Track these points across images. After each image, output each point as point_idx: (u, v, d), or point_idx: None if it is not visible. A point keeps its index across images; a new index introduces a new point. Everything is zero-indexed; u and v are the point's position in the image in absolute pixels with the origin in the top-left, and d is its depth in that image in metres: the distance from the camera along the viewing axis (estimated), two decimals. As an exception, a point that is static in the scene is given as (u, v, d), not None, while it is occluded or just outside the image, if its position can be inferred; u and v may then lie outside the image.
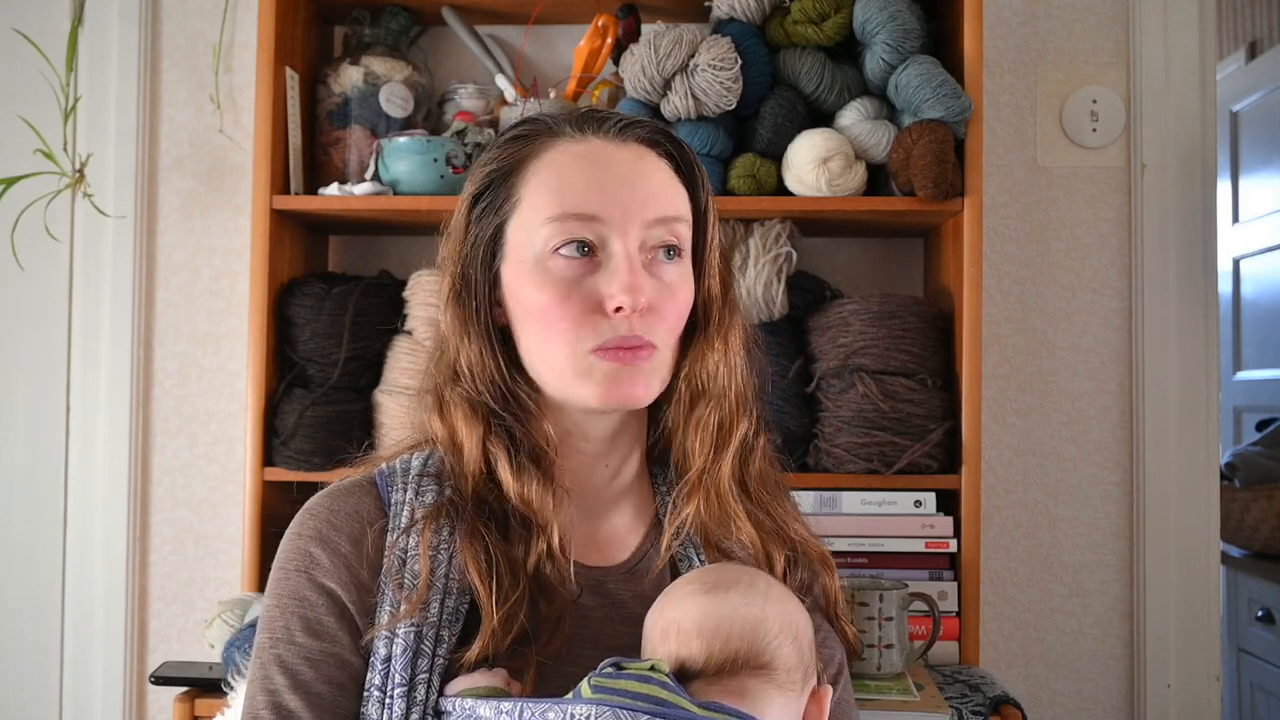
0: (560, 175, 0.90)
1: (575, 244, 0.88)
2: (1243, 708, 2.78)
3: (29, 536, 2.00)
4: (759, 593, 0.85)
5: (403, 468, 0.95)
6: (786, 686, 0.83)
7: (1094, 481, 1.94)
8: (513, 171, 0.92)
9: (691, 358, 0.94)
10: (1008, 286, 1.96)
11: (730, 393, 0.95)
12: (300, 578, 0.89)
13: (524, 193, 0.91)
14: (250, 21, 1.95)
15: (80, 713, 1.98)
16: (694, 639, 0.82)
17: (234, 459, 1.98)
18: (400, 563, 0.88)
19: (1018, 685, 1.91)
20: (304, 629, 0.87)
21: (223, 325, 2.01)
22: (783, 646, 0.83)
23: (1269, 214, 3.10)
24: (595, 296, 0.88)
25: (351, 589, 0.88)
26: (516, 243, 0.91)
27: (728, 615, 0.82)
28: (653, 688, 0.77)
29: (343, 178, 1.84)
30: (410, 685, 0.84)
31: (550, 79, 1.96)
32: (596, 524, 0.97)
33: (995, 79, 1.96)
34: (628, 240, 0.88)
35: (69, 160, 1.95)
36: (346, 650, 0.87)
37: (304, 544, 0.90)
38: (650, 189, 0.91)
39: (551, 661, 0.86)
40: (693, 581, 0.86)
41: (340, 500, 0.93)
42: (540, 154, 0.92)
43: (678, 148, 0.95)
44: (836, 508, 1.69)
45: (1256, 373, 3.21)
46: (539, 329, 0.89)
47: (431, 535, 0.88)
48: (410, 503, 0.91)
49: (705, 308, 0.95)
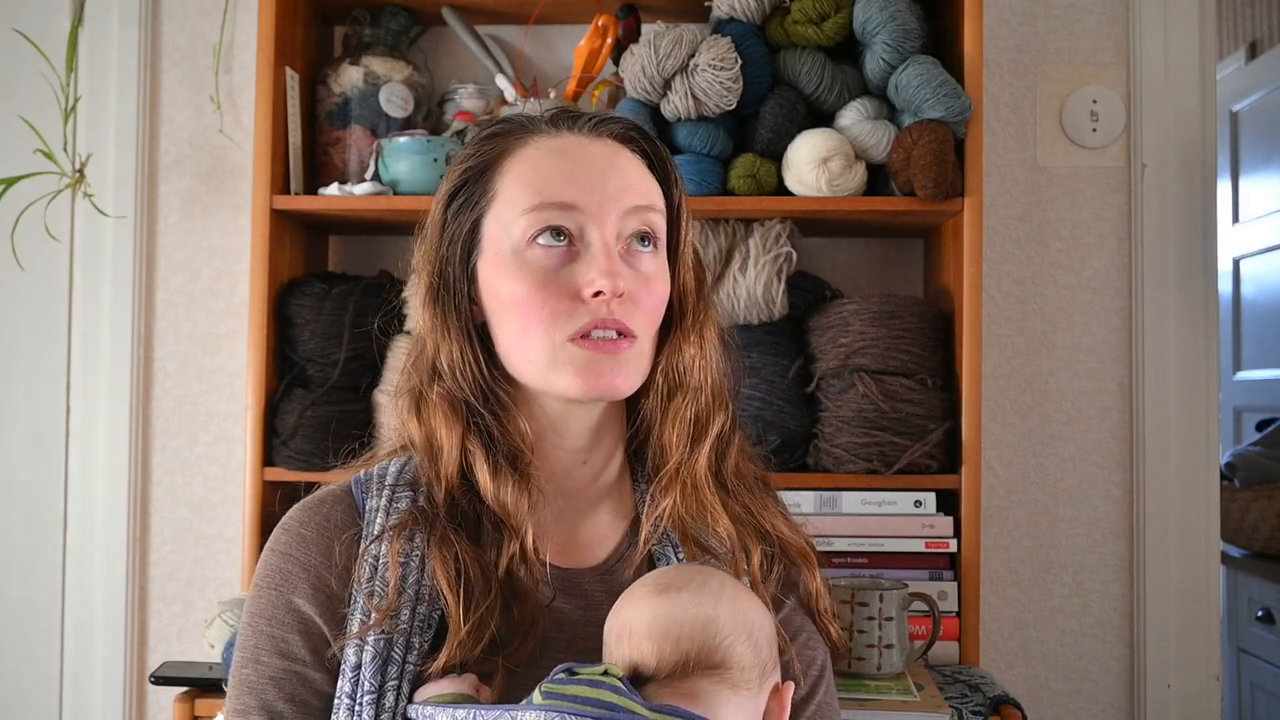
0: (535, 169, 0.91)
1: (551, 231, 0.89)
2: (1243, 708, 2.78)
3: (29, 536, 2.00)
4: (710, 592, 0.84)
5: (379, 474, 0.95)
6: (742, 686, 0.82)
7: (1094, 481, 1.94)
8: (488, 168, 0.93)
9: (668, 351, 0.95)
10: (1008, 286, 1.96)
11: (706, 386, 0.96)
12: (269, 594, 0.90)
13: (499, 187, 0.92)
14: (250, 21, 1.95)
15: (80, 713, 1.98)
16: (645, 641, 0.82)
17: (234, 459, 1.98)
18: (372, 571, 0.88)
19: (1018, 685, 1.91)
20: (270, 649, 0.88)
21: (223, 325, 2.01)
22: (736, 645, 0.82)
23: (1269, 214, 3.10)
24: (573, 285, 0.88)
25: (321, 602, 0.89)
26: (494, 237, 0.91)
27: (678, 616, 0.82)
28: (603, 692, 0.77)
29: (343, 178, 1.84)
30: (379, 693, 0.84)
31: (550, 79, 1.96)
32: (576, 525, 0.97)
33: (995, 79, 1.96)
34: (605, 229, 0.89)
35: (69, 160, 1.95)
36: (310, 667, 0.88)
37: (275, 559, 0.92)
38: (624, 180, 0.92)
39: (522, 668, 0.86)
40: (647, 584, 0.86)
41: (312, 512, 0.94)
42: (515, 150, 0.93)
43: (650, 143, 0.97)
44: (836, 508, 1.69)
45: (1256, 373, 3.21)
46: (517, 320, 0.89)
47: (403, 543, 0.88)
48: (384, 509, 0.91)
49: (680, 301, 0.96)
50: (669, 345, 0.95)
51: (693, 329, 0.96)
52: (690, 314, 0.97)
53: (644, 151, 0.96)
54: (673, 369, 0.95)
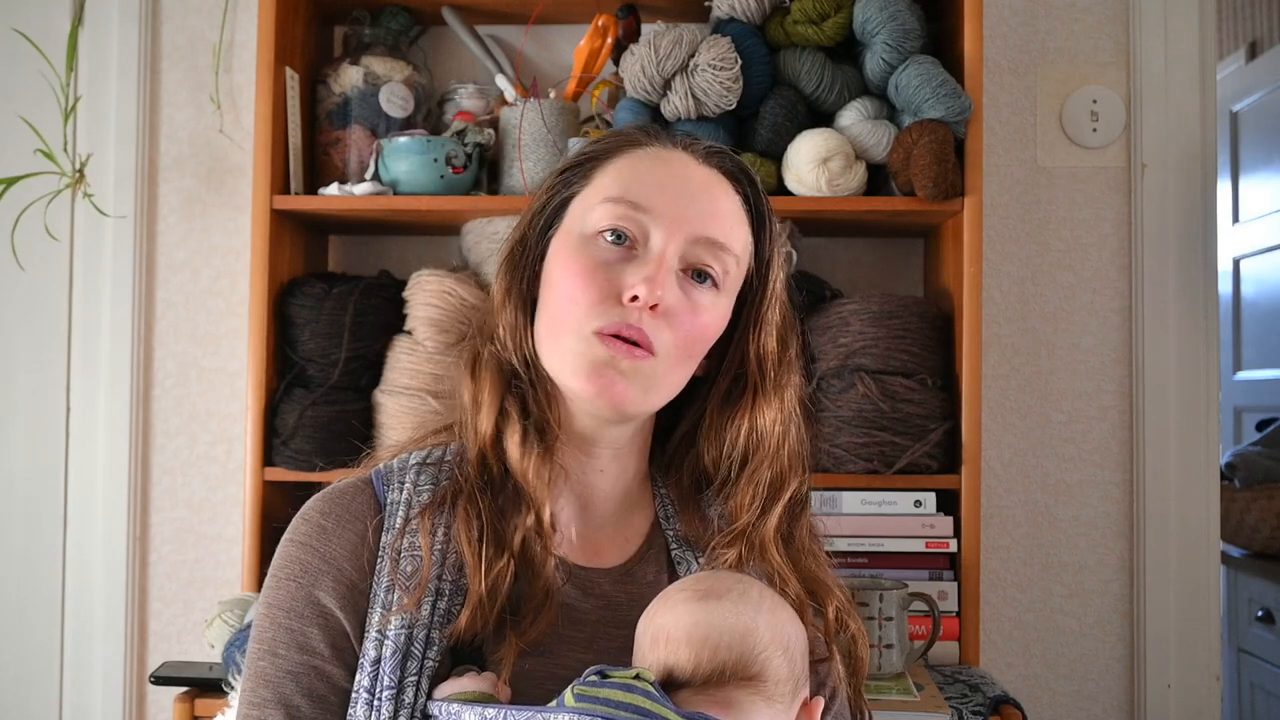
0: (634, 168, 0.93)
1: (614, 232, 0.90)
2: (1243, 708, 2.78)
3: (29, 536, 2.00)
4: (751, 602, 0.83)
5: (400, 466, 0.95)
6: (775, 698, 0.81)
7: (1094, 481, 1.94)
8: (599, 158, 0.96)
9: (751, 412, 0.96)
10: (1008, 286, 1.96)
11: (784, 450, 0.97)
12: (289, 586, 0.89)
13: (597, 175, 0.94)
14: (250, 21, 1.95)
15: (80, 713, 1.98)
16: (683, 647, 0.81)
17: (234, 459, 1.98)
18: (395, 563, 0.88)
19: (1018, 685, 1.91)
20: (288, 642, 0.87)
21: (223, 325, 2.01)
22: (773, 658, 0.82)
23: (1269, 214, 3.11)
24: (618, 284, 0.89)
25: (342, 595, 0.88)
26: (573, 218, 0.94)
27: (718, 624, 0.81)
28: (636, 697, 0.76)
29: (343, 178, 1.84)
30: (399, 688, 0.83)
31: (550, 79, 1.95)
32: (595, 525, 0.97)
33: (995, 79, 1.96)
34: (669, 243, 0.90)
35: (69, 160, 1.95)
36: (329, 662, 0.87)
37: (295, 550, 0.90)
38: (712, 209, 0.92)
39: (533, 649, 0.86)
40: (685, 588, 0.85)
41: (333, 503, 0.93)
42: (627, 150, 0.95)
43: (754, 191, 0.97)
44: (836, 508, 1.69)
45: (1256, 373, 3.21)
46: (557, 301, 0.91)
47: (432, 526, 0.89)
48: (407, 501, 0.91)
49: (760, 363, 0.97)
50: (753, 407, 0.96)
51: (775, 391, 0.97)
52: (771, 376, 0.97)
53: (746, 196, 0.96)
54: (755, 429, 0.96)
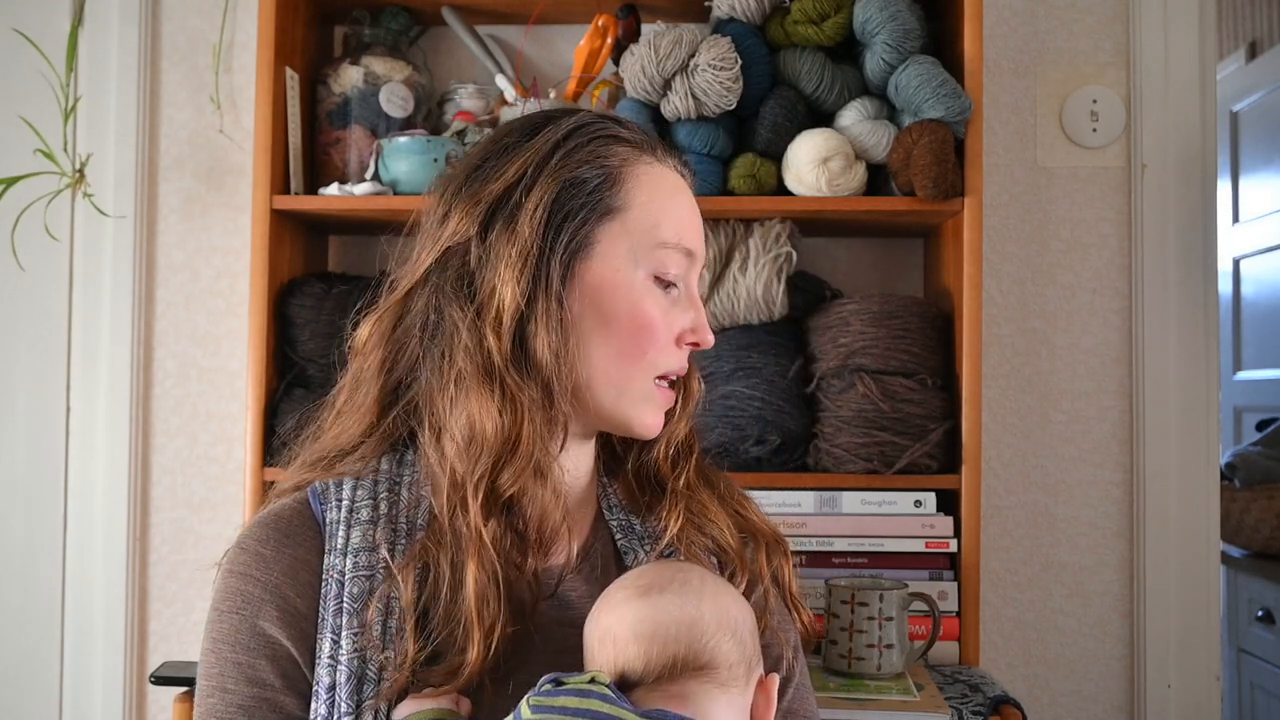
0: (667, 205, 0.92)
1: (669, 281, 0.91)
2: (1243, 708, 2.78)
3: (29, 536, 2.00)
4: (692, 590, 0.83)
5: (335, 484, 0.92)
6: (730, 684, 0.81)
7: (1094, 481, 1.94)
8: (614, 178, 0.90)
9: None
10: (1008, 286, 1.96)
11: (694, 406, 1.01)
12: (232, 618, 0.87)
13: (627, 201, 0.90)
14: (250, 21, 1.95)
15: (80, 713, 1.98)
16: (630, 645, 0.80)
17: (234, 459, 1.98)
18: (339, 586, 0.85)
19: (1018, 685, 1.91)
20: (236, 676, 0.85)
21: (223, 325, 2.01)
22: (722, 644, 0.81)
23: (1269, 214, 3.11)
24: (676, 327, 0.92)
25: (287, 622, 0.85)
26: (616, 250, 0.89)
27: (662, 618, 0.80)
28: (592, 701, 0.76)
29: (343, 178, 1.84)
30: (357, 713, 0.81)
31: (550, 79, 1.96)
32: (550, 524, 0.93)
33: (995, 79, 1.96)
34: (695, 279, 0.95)
35: (69, 160, 1.95)
36: (281, 692, 0.85)
37: (235, 581, 0.88)
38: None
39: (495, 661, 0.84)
40: (626, 586, 0.84)
41: (270, 529, 0.90)
42: (635, 167, 0.92)
43: None
44: (836, 508, 1.69)
45: (1256, 373, 3.21)
46: (625, 343, 0.89)
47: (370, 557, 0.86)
48: (345, 521, 0.88)
49: None
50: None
51: None
52: None
53: None
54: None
